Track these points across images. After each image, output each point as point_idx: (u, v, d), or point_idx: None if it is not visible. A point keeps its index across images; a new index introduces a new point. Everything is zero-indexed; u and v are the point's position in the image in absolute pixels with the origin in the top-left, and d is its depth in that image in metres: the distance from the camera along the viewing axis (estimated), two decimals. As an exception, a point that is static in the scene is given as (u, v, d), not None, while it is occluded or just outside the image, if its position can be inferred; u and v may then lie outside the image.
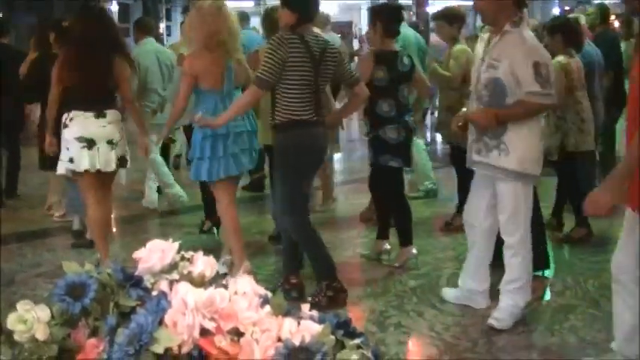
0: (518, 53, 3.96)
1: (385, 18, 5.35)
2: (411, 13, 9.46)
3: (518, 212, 4.15)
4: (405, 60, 5.35)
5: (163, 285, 1.41)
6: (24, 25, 16.97)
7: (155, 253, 1.47)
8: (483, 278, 4.49)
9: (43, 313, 1.40)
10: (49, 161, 5.70)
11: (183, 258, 1.49)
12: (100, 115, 5.00)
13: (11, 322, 1.40)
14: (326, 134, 4.75)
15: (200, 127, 4.70)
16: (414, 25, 9.36)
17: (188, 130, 5.94)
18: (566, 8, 19.00)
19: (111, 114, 5.05)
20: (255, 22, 9.88)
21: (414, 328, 4.32)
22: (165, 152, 7.53)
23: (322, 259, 4.69)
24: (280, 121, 4.49)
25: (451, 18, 5.94)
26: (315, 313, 1.50)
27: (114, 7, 18.69)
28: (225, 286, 1.44)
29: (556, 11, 20.26)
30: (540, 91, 3.94)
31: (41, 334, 1.39)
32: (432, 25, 10.57)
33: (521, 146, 4.04)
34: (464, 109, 4.51)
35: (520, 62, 3.93)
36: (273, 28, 5.38)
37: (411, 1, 14.73)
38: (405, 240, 5.42)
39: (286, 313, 1.46)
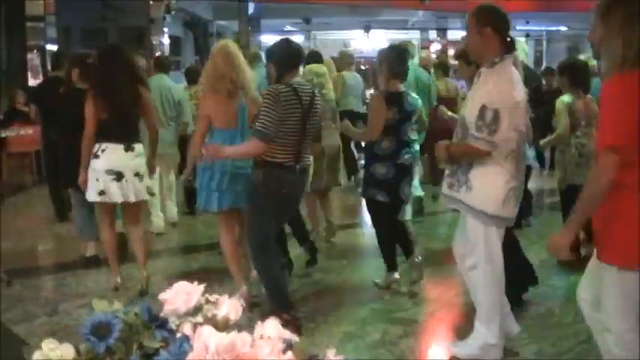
0: (478, 94, 4.01)
1: (391, 60, 5.59)
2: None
3: (477, 248, 4.13)
4: (410, 99, 5.61)
5: (186, 328, 1.41)
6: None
7: (181, 295, 1.47)
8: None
9: (67, 352, 1.41)
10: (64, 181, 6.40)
11: (208, 301, 1.49)
12: (129, 148, 5.48)
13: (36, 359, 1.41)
14: (303, 181, 4.94)
15: (205, 161, 4.96)
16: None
17: None
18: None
19: (138, 147, 5.57)
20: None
21: None
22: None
23: (279, 291, 4.90)
24: (261, 159, 4.69)
25: (468, 58, 5.98)
26: (337, 358, 1.48)
27: (165, 40, 19.01)
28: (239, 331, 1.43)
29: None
30: (476, 135, 3.95)
31: (66, 372, 1.40)
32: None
33: (483, 185, 4.03)
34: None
35: (475, 103, 3.98)
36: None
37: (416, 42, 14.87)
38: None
39: (310, 359, 1.45)
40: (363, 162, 5.84)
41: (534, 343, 4.60)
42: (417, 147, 5.86)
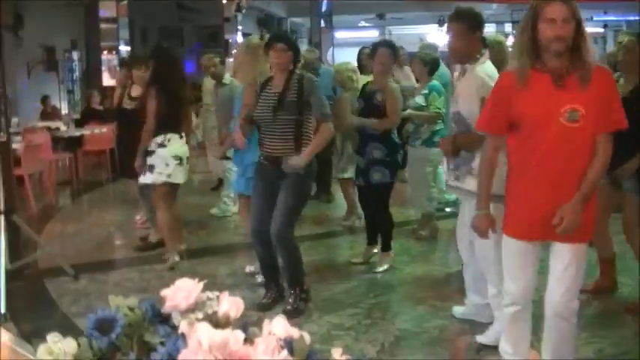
0: (472, 89, 4.22)
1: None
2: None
3: None
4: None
5: (183, 324, 1.42)
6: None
7: (181, 292, 1.48)
8: (484, 291, 4.53)
9: (69, 345, 1.44)
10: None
11: (209, 298, 1.49)
12: (181, 137, 6.37)
13: (41, 352, 1.44)
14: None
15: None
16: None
17: None
18: None
19: (184, 136, 6.41)
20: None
21: None
22: None
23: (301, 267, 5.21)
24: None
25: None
26: (342, 358, 1.46)
27: (239, 38, 19.22)
28: (245, 327, 1.43)
29: None
30: None
31: (68, 366, 1.43)
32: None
33: None
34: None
35: (472, 97, 4.18)
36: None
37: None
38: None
39: (308, 357, 1.44)
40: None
41: (595, 343, 4.47)
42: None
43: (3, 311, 5.00)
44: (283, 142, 4.96)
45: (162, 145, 6.22)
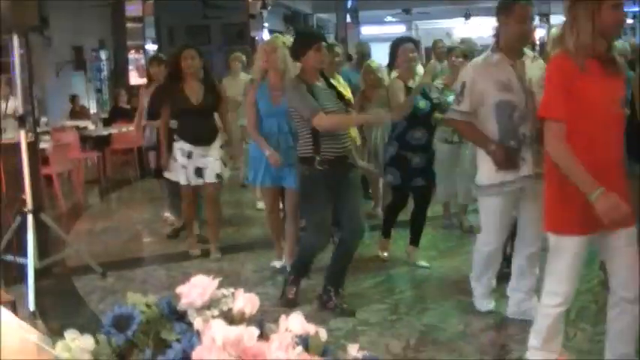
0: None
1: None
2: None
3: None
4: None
5: (198, 321, 1.42)
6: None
7: (196, 289, 1.48)
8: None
9: (86, 342, 1.45)
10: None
11: (224, 295, 1.50)
12: None
13: (58, 349, 1.46)
14: None
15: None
16: None
17: None
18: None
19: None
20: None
21: None
22: None
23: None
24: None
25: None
26: (359, 355, 1.46)
27: (265, 35, 19.26)
28: (261, 324, 1.43)
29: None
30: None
31: (85, 363, 1.44)
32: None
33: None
34: None
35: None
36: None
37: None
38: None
39: (324, 354, 1.43)
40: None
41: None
42: None
43: (32, 309, 5.07)
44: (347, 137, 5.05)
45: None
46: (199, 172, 6.40)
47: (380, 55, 8.25)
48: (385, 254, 6.33)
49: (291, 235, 5.90)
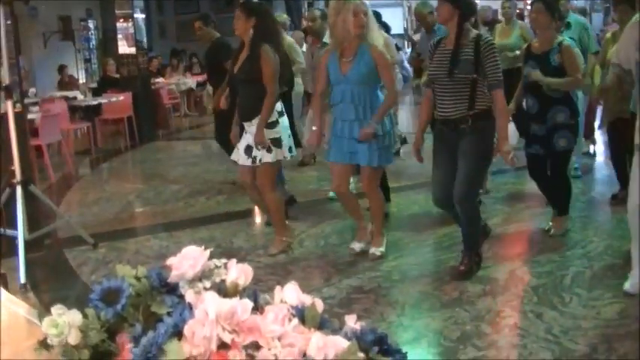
0: None
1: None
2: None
3: None
4: None
5: (189, 294, 1.37)
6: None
7: (187, 260, 1.43)
8: None
9: (74, 317, 1.40)
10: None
11: (216, 266, 1.45)
12: None
13: (45, 325, 1.40)
14: None
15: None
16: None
17: None
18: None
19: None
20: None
21: (530, 330, 4.12)
22: None
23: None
24: (489, 109, 4.75)
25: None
26: (356, 325, 1.41)
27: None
28: (256, 296, 1.39)
29: None
30: None
31: (73, 338, 1.39)
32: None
33: None
34: None
35: None
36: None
37: None
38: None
39: (320, 326, 1.39)
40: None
41: (617, 303, 4.41)
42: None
43: (23, 282, 5.02)
44: (458, 102, 4.74)
45: (282, 114, 5.46)
46: (248, 150, 5.44)
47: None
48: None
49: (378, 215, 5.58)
